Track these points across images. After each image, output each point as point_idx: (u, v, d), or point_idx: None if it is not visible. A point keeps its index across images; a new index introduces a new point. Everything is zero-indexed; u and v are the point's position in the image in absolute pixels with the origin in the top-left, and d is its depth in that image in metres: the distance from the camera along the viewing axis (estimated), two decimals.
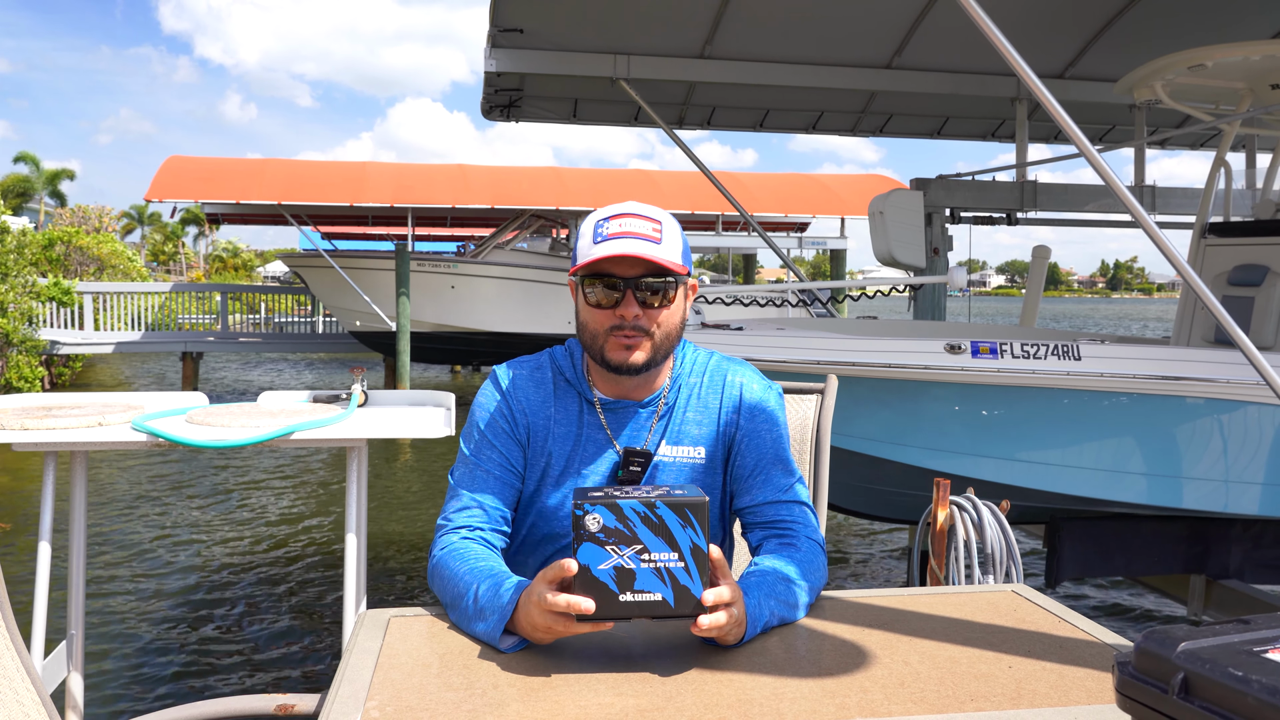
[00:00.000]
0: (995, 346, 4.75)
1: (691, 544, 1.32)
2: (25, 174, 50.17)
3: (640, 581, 1.32)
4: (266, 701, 1.60)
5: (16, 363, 15.10)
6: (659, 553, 1.32)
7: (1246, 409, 4.90)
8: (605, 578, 1.32)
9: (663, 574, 1.32)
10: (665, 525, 1.32)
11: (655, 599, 1.32)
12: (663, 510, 1.32)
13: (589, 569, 1.32)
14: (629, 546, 1.32)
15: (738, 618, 1.39)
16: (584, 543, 1.32)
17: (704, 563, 1.33)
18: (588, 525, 1.31)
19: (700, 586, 1.32)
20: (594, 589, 1.32)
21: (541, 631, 1.37)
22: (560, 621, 1.34)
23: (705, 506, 1.32)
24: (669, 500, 1.32)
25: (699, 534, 1.32)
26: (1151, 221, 3.05)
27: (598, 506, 1.31)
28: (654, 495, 1.33)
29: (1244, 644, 0.87)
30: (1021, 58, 2.84)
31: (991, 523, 4.05)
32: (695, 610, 1.33)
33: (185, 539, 8.24)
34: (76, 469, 2.89)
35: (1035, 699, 1.27)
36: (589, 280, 1.66)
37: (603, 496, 1.33)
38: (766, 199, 20.27)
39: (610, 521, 1.31)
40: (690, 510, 1.32)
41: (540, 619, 1.36)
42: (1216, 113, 6.40)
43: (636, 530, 1.31)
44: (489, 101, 7.77)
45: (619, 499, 1.32)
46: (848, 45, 7.34)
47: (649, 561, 1.32)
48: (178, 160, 19.51)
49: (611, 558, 1.31)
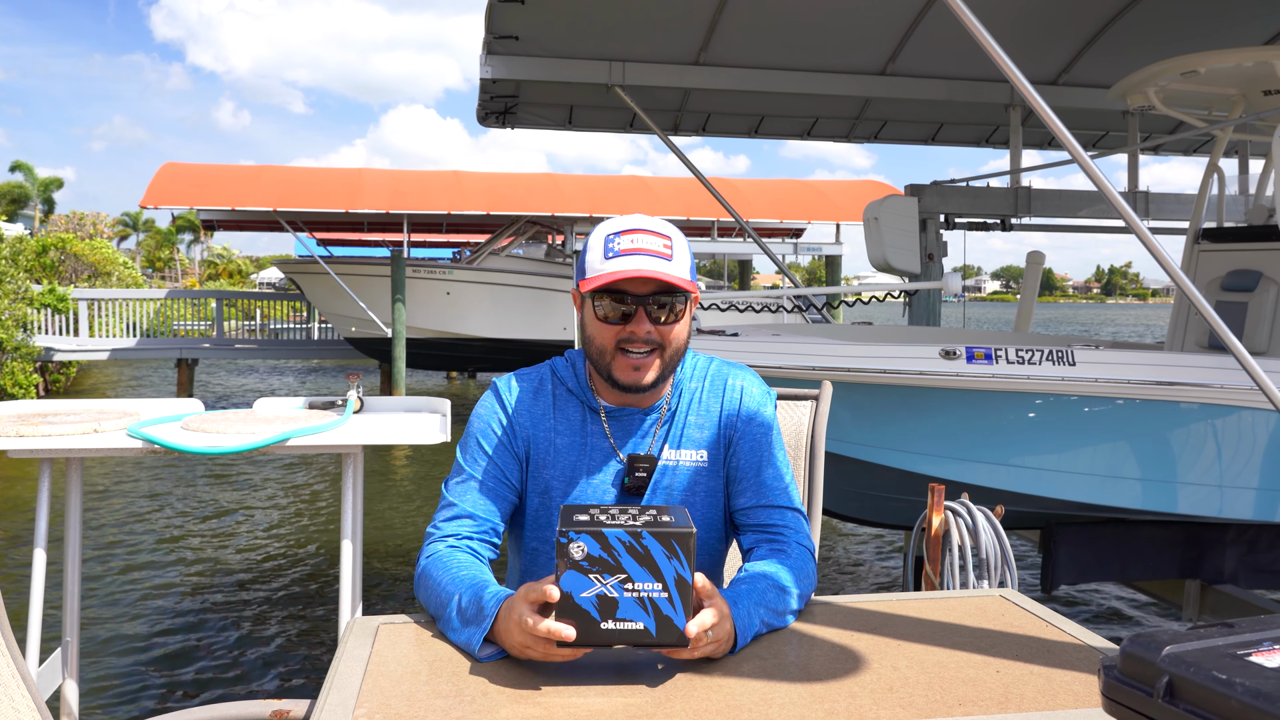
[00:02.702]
0: (990, 352, 4.75)
1: (676, 575, 1.32)
2: (20, 181, 50.16)
3: (623, 610, 1.31)
4: (261, 707, 1.59)
5: (11, 369, 15.09)
6: (643, 582, 1.31)
7: (1240, 414, 4.91)
8: (587, 605, 1.31)
9: (646, 604, 1.31)
10: (650, 555, 1.31)
11: (637, 628, 1.32)
12: (648, 540, 1.31)
13: (571, 596, 1.31)
14: (613, 575, 1.31)
15: (722, 640, 1.40)
16: (567, 570, 1.31)
17: (688, 594, 1.32)
18: (572, 553, 1.31)
19: (684, 618, 1.32)
20: (576, 616, 1.31)
21: (519, 650, 1.38)
22: (540, 645, 1.34)
23: (692, 538, 1.32)
24: (655, 531, 1.31)
25: (684, 565, 1.32)
26: (1145, 227, 3.06)
27: (583, 535, 1.31)
28: (640, 524, 1.32)
29: (1228, 647, 0.88)
30: (1015, 64, 2.85)
31: (986, 528, 4.05)
32: (678, 641, 1.32)
33: (180, 545, 8.23)
34: (72, 476, 2.89)
35: (1023, 703, 1.27)
36: (599, 295, 1.66)
37: (588, 522, 1.32)
38: (762, 205, 20.28)
39: (595, 550, 1.31)
40: (676, 541, 1.31)
41: (520, 638, 1.36)
42: (1209, 118, 6.42)
43: (621, 559, 1.31)
44: (484, 108, 7.78)
45: (605, 527, 1.31)
46: (842, 52, 7.36)
47: (632, 591, 1.31)
48: (173, 167, 19.50)
49: (595, 586, 1.31)
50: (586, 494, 1.74)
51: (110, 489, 10.44)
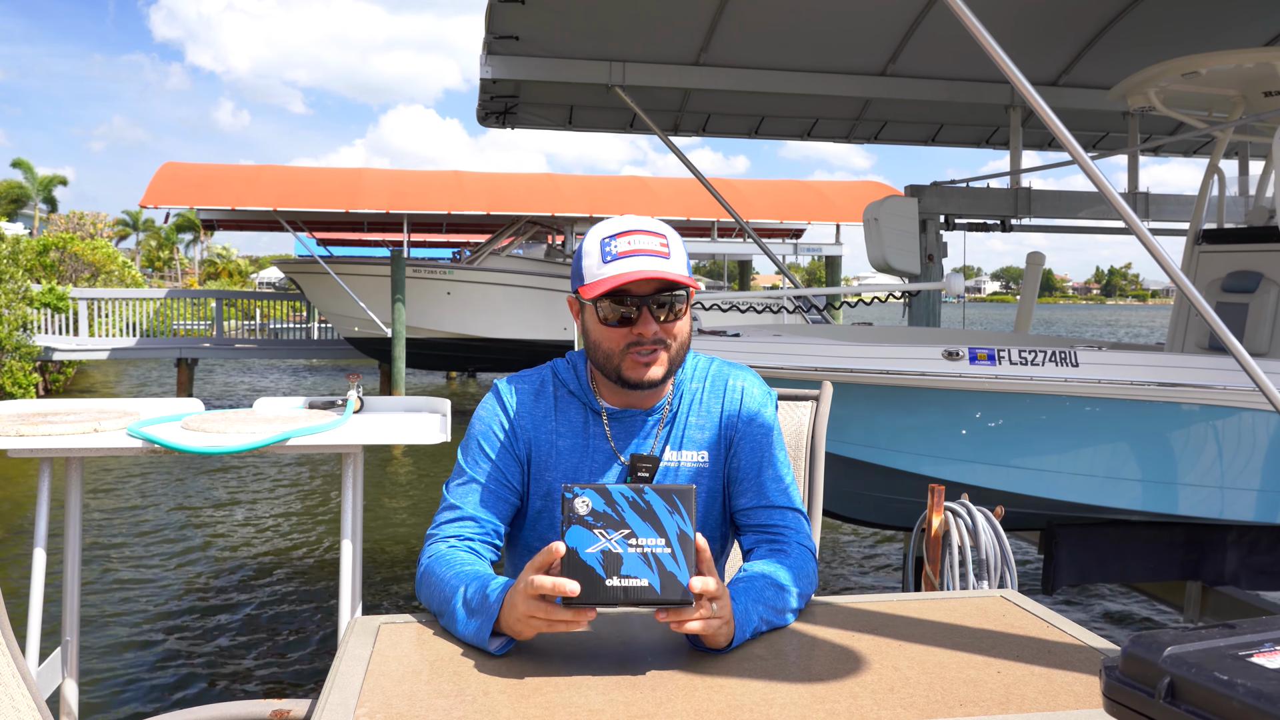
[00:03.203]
0: (993, 353, 4.75)
1: (679, 530, 1.33)
2: (20, 180, 50.16)
3: (627, 566, 1.32)
4: (262, 707, 1.59)
5: (11, 369, 15.09)
6: (646, 538, 1.32)
7: (1241, 415, 4.91)
8: (593, 561, 1.32)
9: (650, 559, 1.32)
10: (653, 511, 1.33)
11: (642, 584, 1.32)
12: (650, 495, 1.33)
13: (576, 552, 1.32)
14: (617, 530, 1.32)
15: (725, 616, 1.39)
16: (572, 525, 1.33)
17: (691, 550, 1.33)
18: (576, 508, 1.32)
19: (687, 574, 1.33)
20: (581, 573, 1.32)
21: (525, 621, 1.37)
22: (543, 609, 1.34)
23: (693, 494, 1.34)
24: (657, 486, 1.34)
25: (686, 521, 1.33)
26: (1145, 228, 3.06)
27: (587, 490, 1.33)
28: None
29: (1229, 648, 0.88)
30: (1015, 65, 2.85)
31: (986, 529, 4.05)
32: (683, 597, 1.33)
33: (180, 545, 8.23)
34: (72, 475, 2.89)
35: (1024, 704, 1.27)
36: (601, 299, 1.66)
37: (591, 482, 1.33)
38: (762, 205, 20.29)
39: (599, 505, 1.32)
40: (678, 496, 1.33)
41: (524, 607, 1.36)
42: (1210, 120, 6.42)
43: (624, 515, 1.32)
44: (484, 108, 7.79)
45: (608, 485, 1.33)
46: (842, 53, 7.36)
47: (636, 547, 1.32)
48: (173, 166, 19.50)
49: (599, 541, 1.32)
50: None
51: (110, 489, 10.44)
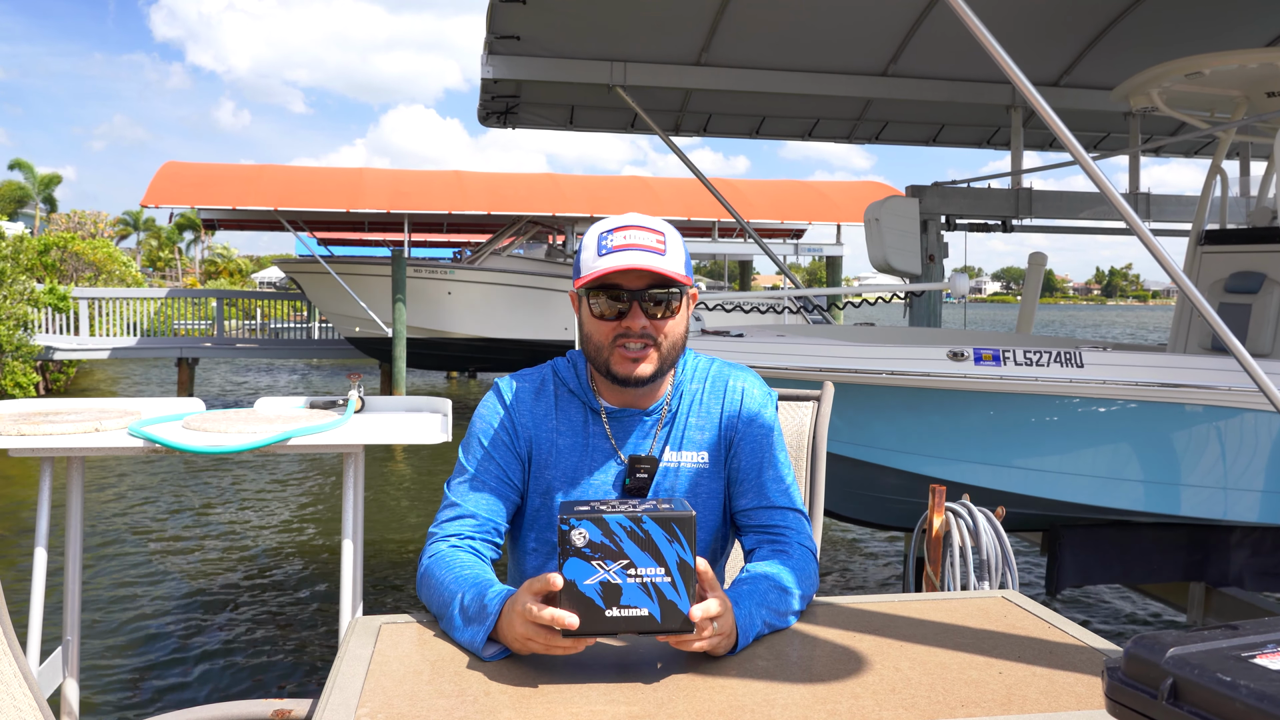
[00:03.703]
0: (998, 354, 4.74)
1: (678, 559, 1.31)
2: (20, 180, 50.18)
3: (626, 597, 1.31)
4: (264, 707, 1.59)
5: (11, 368, 15.10)
6: (645, 568, 1.31)
7: (1244, 416, 4.91)
8: (591, 593, 1.31)
9: (649, 589, 1.31)
10: (652, 540, 1.31)
11: (642, 614, 1.31)
12: (649, 525, 1.31)
13: (575, 584, 1.31)
14: (615, 561, 1.31)
15: (726, 632, 1.40)
16: (570, 557, 1.31)
17: (691, 578, 1.32)
18: (574, 540, 1.30)
19: (687, 602, 1.32)
20: (580, 604, 1.31)
21: (523, 643, 1.37)
22: (543, 635, 1.34)
23: (692, 521, 1.32)
24: (655, 515, 1.31)
25: (686, 549, 1.31)
26: (1146, 229, 3.06)
27: (584, 521, 1.31)
28: (640, 510, 1.32)
29: (1232, 649, 0.87)
30: (1016, 65, 2.85)
31: (987, 529, 4.05)
32: (683, 626, 1.32)
33: (181, 544, 8.23)
34: (73, 475, 2.89)
35: (1025, 704, 1.27)
36: (593, 292, 1.66)
37: (589, 511, 1.31)
38: (763, 206, 20.28)
39: (597, 536, 1.30)
40: (677, 525, 1.31)
41: (523, 630, 1.36)
42: (1212, 120, 6.41)
43: (623, 545, 1.31)
44: (485, 108, 7.79)
45: (605, 514, 1.31)
46: (843, 53, 7.36)
47: (635, 577, 1.31)
48: (174, 166, 19.49)
49: (598, 573, 1.31)
50: (588, 495, 1.74)
51: (111, 488, 10.44)
